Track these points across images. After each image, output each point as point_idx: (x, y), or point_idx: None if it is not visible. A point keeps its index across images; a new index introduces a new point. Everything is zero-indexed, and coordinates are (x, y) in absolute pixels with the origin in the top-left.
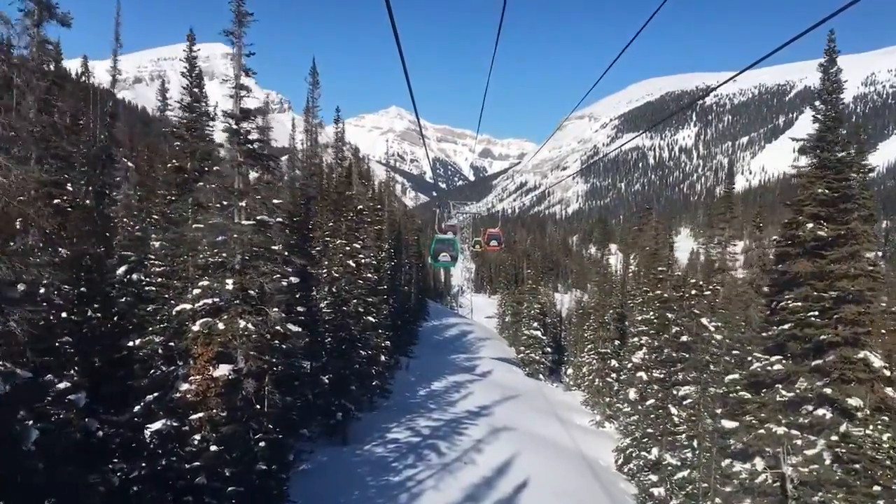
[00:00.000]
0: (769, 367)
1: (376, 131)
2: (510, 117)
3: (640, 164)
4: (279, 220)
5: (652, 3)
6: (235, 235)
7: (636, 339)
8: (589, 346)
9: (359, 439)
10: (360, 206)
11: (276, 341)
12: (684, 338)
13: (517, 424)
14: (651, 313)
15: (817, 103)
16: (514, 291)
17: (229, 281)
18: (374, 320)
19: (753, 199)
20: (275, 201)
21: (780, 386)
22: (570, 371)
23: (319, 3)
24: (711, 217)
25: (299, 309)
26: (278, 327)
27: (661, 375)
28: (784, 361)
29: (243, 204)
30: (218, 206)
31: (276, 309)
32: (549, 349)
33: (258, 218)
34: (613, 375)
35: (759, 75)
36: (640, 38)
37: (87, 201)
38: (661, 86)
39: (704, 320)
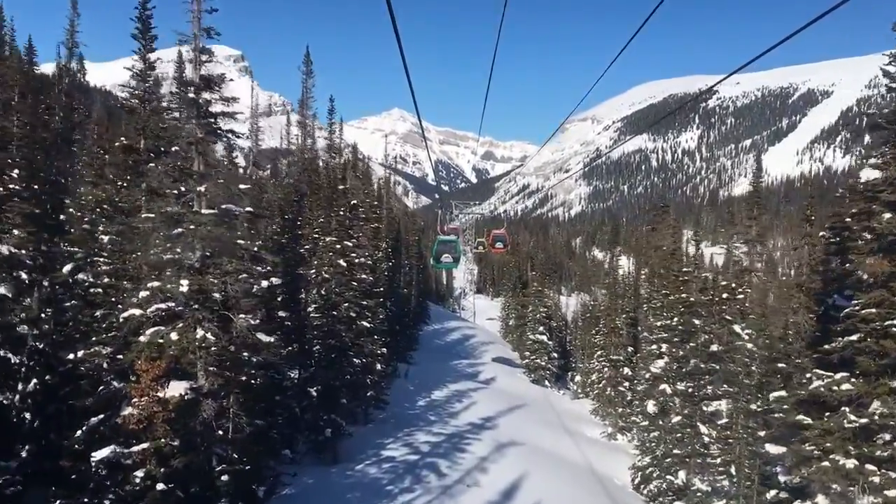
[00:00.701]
0: (834, 387)
1: (378, 133)
2: (513, 120)
3: (643, 167)
4: (248, 209)
5: (654, 5)
6: (192, 227)
7: (655, 346)
8: (599, 353)
9: (350, 458)
10: (355, 202)
11: (245, 353)
12: (714, 347)
13: (524, 438)
14: (675, 318)
15: (891, 69)
16: (519, 294)
17: (184, 282)
18: (368, 325)
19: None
20: (241, 186)
21: (847, 409)
22: (577, 378)
23: (322, 5)
24: (734, 214)
25: (281, 314)
26: (247, 337)
27: (688, 389)
28: (853, 380)
29: (202, 189)
30: (175, 192)
31: (243, 315)
32: (555, 355)
33: (223, 207)
34: (626, 384)
35: (762, 78)
36: (643, 39)
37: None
38: (664, 88)
39: (737, 327)
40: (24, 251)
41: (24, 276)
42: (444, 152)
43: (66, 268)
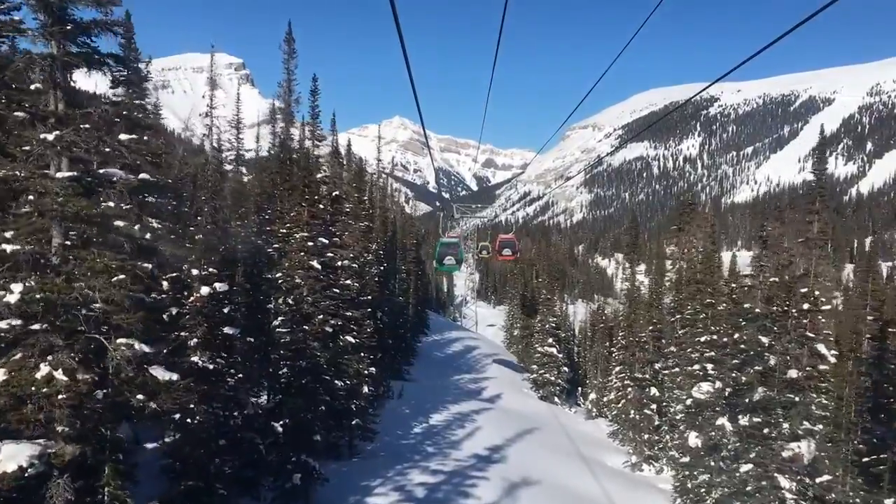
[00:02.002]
0: None
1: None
2: (513, 128)
3: (645, 174)
4: (142, 176)
5: (657, 13)
6: (38, 197)
7: (697, 366)
8: (618, 369)
9: None
10: (337, 193)
11: (140, 396)
12: (793, 373)
13: (538, 473)
14: (736, 334)
15: None
16: (525, 302)
17: (16, 287)
18: (354, 341)
19: (761, 208)
20: (122, 137)
21: None
22: (592, 396)
23: (324, 15)
24: (781, 211)
25: (228, 331)
26: (136, 374)
27: (761, 428)
28: None
29: (52, 138)
30: (26, 148)
31: (124, 340)
32: (565, 369)
33: (101, 172)
34: (654, 407)
35: (764, 85)
36: (646, 47)
37: None
38: (665, 95)
39: (821, 347)
40: None
41: None
42: (444, 160)
43: None
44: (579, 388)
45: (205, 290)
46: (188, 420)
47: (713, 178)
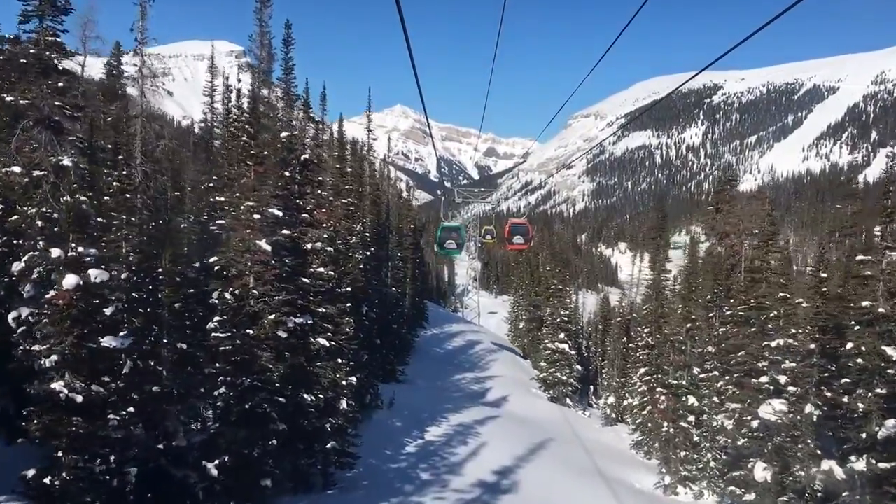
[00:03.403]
0: None
1: (380, 130)
2: (515, 116)
3: (647, 163)
4: None
5: (660, 2)
6: None
7: (764, 378)
8: (642, 370)
9: None
10: (306, 157)
11: None
12: None
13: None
14: (850, 343)
15: None
16: (531, 293)
17: None
18: (328, 344)
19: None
20: None
21: None
22: (610, 399)
23: (325, 4)
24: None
25: (109, 343)
26: None
27: (886, 476)
28: None
29: None
30: None
31: None
32: (578, 367)
33: None
34: (691, 419)
35: (768, 74)
36: (648, 34)
37: None
38: (667, 84)
39: None
40: None
41: None
42: (446, 148)
43: None
44: (591, 387)
45: (71, 280)
46: (46, 481)
47: (716, 167)
